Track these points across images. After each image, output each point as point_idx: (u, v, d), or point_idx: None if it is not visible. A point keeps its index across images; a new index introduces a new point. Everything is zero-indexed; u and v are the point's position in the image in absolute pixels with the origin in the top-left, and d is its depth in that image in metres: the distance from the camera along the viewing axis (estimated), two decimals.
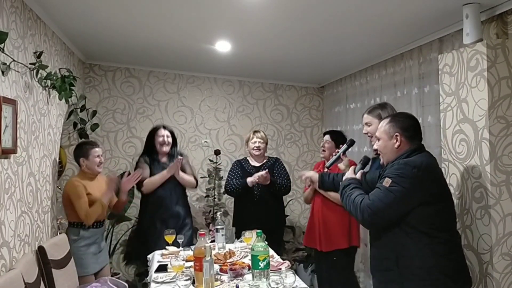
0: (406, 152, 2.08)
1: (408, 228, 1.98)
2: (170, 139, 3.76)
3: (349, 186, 2.21)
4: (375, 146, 2.25)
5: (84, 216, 3.09)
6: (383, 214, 1.99)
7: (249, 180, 3.72)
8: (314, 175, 2.84)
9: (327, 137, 3.44)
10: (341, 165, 3.01)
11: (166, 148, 3.72)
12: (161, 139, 3.70)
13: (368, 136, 2.67)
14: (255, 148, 3.83)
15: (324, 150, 3.41)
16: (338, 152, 3.00)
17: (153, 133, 3.79)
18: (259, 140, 3.83)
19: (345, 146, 2.98)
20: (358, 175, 2.33)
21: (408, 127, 2.12)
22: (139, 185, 3.63)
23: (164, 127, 3.79)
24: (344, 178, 2.35)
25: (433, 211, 1.97)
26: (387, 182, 1.99)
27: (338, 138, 3.41)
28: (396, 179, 1.97)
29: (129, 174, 3.53)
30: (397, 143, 2.11)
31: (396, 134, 2.11)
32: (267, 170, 3.70)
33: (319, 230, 3.33)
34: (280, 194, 3.83)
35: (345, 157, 3.01)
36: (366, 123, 2.67)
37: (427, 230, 1.97)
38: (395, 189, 1.96)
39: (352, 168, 2.39)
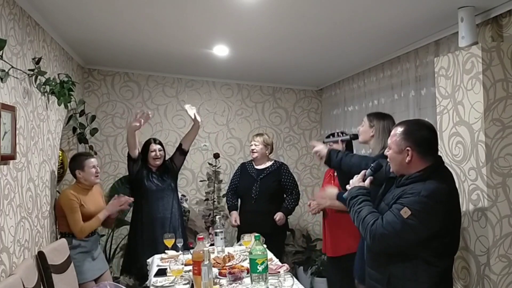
0: (422, 172, 1.91)
1: (409, 252, 1.91)
2: (162, 152, 3.79)
3: (357, 198, 2.06)
4: (385, 153, 2.12)
5: (78, 231, 3.11)
6: (394, 244, 1.90)
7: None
8: (323, 149, 2.71)
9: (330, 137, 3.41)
10: (335, 148, 2.98)
11: (158, 162, 3.76)
12: (153, 153, 3.73)
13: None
14: (251, 151, 3.94)
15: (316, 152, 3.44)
16: (340, 136, 3.08)
17: (146, 146, 3.81)
18: (254, 143, 3.90)
19: (347, 136, 3.05)
20: (367, 182, 2.15)
21: (422, 141, 1.93)
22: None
23: (155, 141, 3.82)
24: (351, 185, 2.19)
25: (444, 243, 1.91)
26: (405, 212, 1.83)
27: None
28: (416, 213, 1.82)
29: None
30: (408, 158, 1.93)
31: (408, 148, 1.93)
32: (279, 217, 3.78)
33: (326, 236, 3.37)
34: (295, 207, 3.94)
35: (342, 144, 3.03)
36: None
37: (429, 258, 1.89)
38: (413, 224, 1.82)
39: (362, 173, 2.19)
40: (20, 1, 2.56)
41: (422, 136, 1.95)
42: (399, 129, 1.99)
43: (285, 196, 3.96)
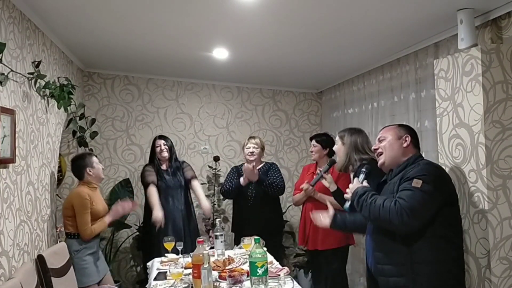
0: (412, 157, 2.14)
1: (428, 231, 1.98)
2: (166, 147, 3.99)
3: (366, 194, 2.13)
4: (374, 147, 2.30)
5: (86, 233, 3.10)
6: (420, 215, 1.96)
7: (242, 179, 3.80)
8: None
9: (313, 142, 3.59)
10: (325, 182, 3.12)
11: (165, 154, 3.96)
12: (158, 148, 3.98)
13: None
14: (249, 153, 3.89)
15: (313, 153, 3.58)
16: (320, 171, 3.16)
17: (152, 144, 4.07)
18: (253, 145, 3.88)
19: (326, 166, 3.14)
20: (365, 185, 2.27)
21: (414, 134, 2.23)
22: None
23: (159, 137, 4.07)
24: (352, 188, 2.26)
25: (454, 212, 2.05)
26: (417, 182, 1.97)
27: (323, 140, 3.57)
28: (426, 178, 1.97)
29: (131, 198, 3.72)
30: (406, 143, 2.17)
31: (406, 136, 2.18)
32: (254, 164, 3.76)
33: (310, 230, 3.45)
34: (273, 193, 3.80)
35: (327, 175, 3.12)
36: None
37: (447, 233, 2.01)
38: (428, 189, 1.95)
39: (356, 179, 2.32)
40: (19, 4, 2.57)
41: (413, 131, 2.28)
42: (391, 126, 2.30)
43: None
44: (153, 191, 3.80)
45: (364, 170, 2.36)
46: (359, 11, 2.73)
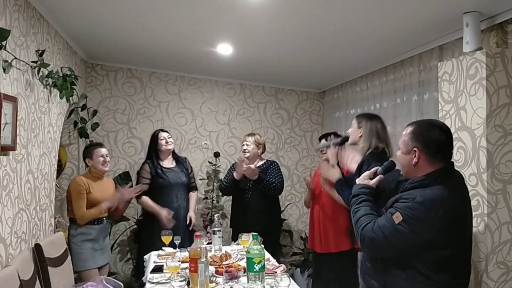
0: (426, 177, 1.79)
1: (405, 264, 1.79)
2: (171, 139, 3.97)
3: (358, 197, 1.98)
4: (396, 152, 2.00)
5: (79, 216, 3.26)
6: (383, 250, 1.82)
7: (235, 173, 3.82)
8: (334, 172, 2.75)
9: (323, 141, 3.50)
10: (329, 151, 2.96)
11: (170, 146, 3.94)
12: (163, 141, 3.91)
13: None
14: (242, 151, 3.95)
15: (324, 153, 3.43)
16: (332, 140, 3.04)
17: (155, 137, 3.97)
18: (246, 143, 3.93)
19: (339, 139, 2.95)
20: (374, 181, 2.02)
21: (431, 143, 1.79)
22: (138, 196, 3.77)
23: (162, 131, 4.03)
24: (357, 181, 2.08)
25: (443, 256, 1.75)
26: (397, 217, 1.74)
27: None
28: (407, 219, 1.71)
29: (131, 186, 3.71)
30: (415, 160, 1.81)
31: (415, 149, 1.81)
32: (255, 164, 3.80)
33: (320, 232, 3.39)
34: (270, 192, 3.82)
35: (334, 148, 2.94)
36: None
37: (427, 272, 1.76)
38: (403, 230, 1.72)
39: (373, 170, 2.06)
40: None
41: (432, 137, 1.80)
42: (409, 129, 1.88)
43: None
44: (146, 200, 3.75)
45: (384, 164, 2.07)
46: (364, 11, 2.72)
